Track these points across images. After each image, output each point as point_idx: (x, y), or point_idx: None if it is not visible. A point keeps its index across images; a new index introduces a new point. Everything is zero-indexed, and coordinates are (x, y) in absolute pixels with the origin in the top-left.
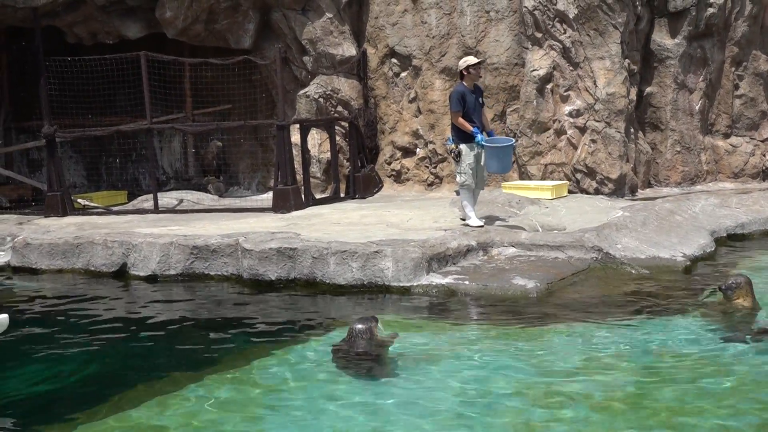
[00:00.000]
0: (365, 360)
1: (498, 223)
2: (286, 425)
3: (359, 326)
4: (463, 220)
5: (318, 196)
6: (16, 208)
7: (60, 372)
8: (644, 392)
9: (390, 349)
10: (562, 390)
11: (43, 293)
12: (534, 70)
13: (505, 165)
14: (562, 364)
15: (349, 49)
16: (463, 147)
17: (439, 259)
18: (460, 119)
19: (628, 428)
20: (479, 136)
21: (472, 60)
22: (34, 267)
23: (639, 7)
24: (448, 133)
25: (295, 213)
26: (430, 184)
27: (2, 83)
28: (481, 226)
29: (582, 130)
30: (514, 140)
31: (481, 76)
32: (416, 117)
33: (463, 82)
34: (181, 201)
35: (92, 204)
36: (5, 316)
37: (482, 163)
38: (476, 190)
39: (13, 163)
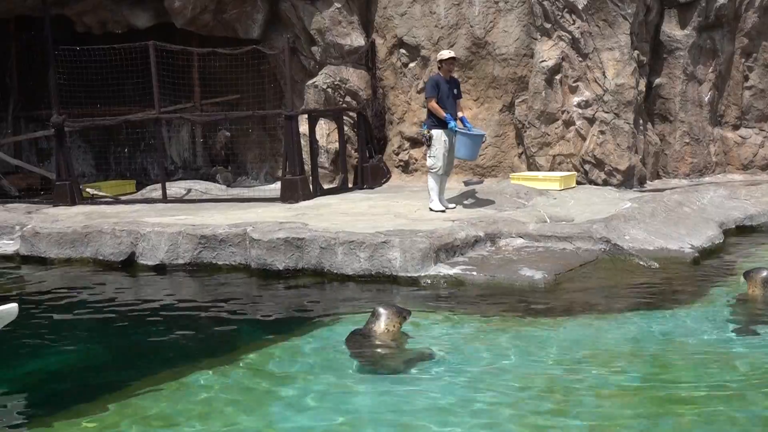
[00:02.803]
0: (376, 350)
1: (506, 214)
2: (293, 414)
3: (381, 311)
4: (432, 210)
5: (326, 186)
6: (25, 197)
7: (69, 361)
8: (652, 383)
9: (402, 340)
10: (570, 381)
11: (51, 282)
12: (543, 61)
13: (473, 153)
14: (569, 355)
15: (357, 40)
16: (434, 132)
17: (446, 250)
18: (434, 104)
19: (635, 419)
20: (452, 123)
21: (444, 55)
22: (42, 256)
23: None
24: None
25: (303, 203)
26: None
27: (11, 72)
28: (443, 211)
29: (591, 121)
30: (485, 133)
31: (451, 71)
32: (424, 107)
33: (439, 72)
34: (190, 191)
35: (101, 193)
36: (14, 305)
37: (453, 149)
38: (443, 176)
39: (22, 152)
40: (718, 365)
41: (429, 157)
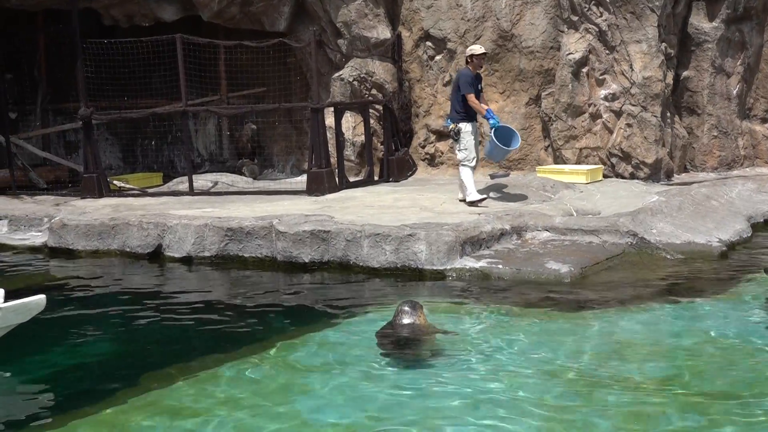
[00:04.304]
0: (404, 344)
1: (532, 207)
2: (319, 407)
3: (405, 308)
4: (462, 201)
5: (352, 179)
6: (53, 190)
7: (95, 353)
8: (678, 377)
9: (428, 334)
10: (596, 374)
11: (79, 274)
12: (569, 54)
13: (500, 158)
14: (595, 349)
15: (383, 32)
16: (463, 125)
17: (472, 243)
18: (473, 99)
19: (661, 413)
20: (493, 121)
21: (477, 50)
22: (70, 248)
23: None
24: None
25: (329, 196)
26: None
27: (39, 65)
28: (484, 198)
29: (618, 114)
30: (519, 139)
31: (482, 66)
32: (450, 101)
33: (468, 67)
34: (216, 183)
35: (128, 186)
36: (42, 296)
37: (480, 145)
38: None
39: (50, 144)
40: (744, 360)
41: (460, 150)
